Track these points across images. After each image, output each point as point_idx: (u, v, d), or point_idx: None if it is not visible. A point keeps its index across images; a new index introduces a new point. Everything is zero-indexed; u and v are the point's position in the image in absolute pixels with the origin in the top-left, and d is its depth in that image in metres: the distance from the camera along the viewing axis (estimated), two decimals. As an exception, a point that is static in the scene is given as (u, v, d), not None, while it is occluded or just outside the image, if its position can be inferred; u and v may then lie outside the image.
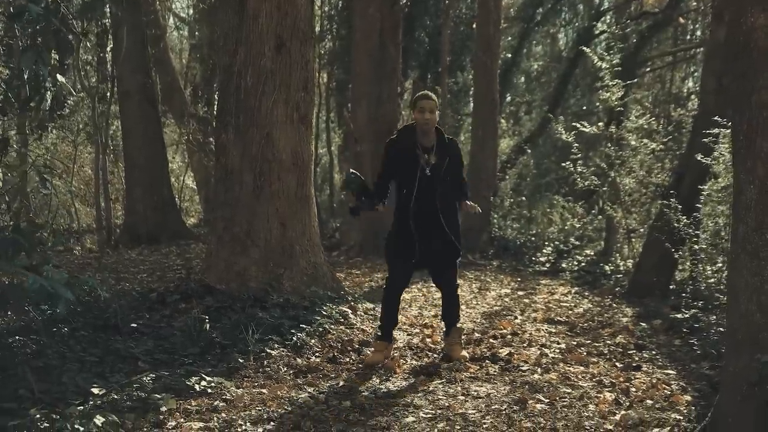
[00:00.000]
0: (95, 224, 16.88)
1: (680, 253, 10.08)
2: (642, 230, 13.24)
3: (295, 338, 7.28)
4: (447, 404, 5.74)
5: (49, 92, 6.67)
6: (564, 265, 13.96)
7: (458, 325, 7.23)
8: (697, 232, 9.50)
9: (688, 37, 24.99)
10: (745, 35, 4.26)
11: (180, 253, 14.59)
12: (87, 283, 8.00)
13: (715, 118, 8.69)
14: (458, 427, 5.22)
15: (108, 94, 16.30)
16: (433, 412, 5.56)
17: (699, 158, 9.25)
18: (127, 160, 17.26)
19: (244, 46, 8.72)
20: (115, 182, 20.86)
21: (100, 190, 15.66)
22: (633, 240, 13.28)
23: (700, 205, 9.69)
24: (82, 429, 4.54)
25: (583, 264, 13.94)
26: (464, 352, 7.05)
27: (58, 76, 6.58)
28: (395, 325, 7.20)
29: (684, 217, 9.51)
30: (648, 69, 23.34)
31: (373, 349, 7.11)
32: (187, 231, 17.79)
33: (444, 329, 7.34)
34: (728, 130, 8.68)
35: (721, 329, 7.75)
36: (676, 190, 9.96)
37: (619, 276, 12.26)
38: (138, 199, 16.54)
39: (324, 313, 8.19)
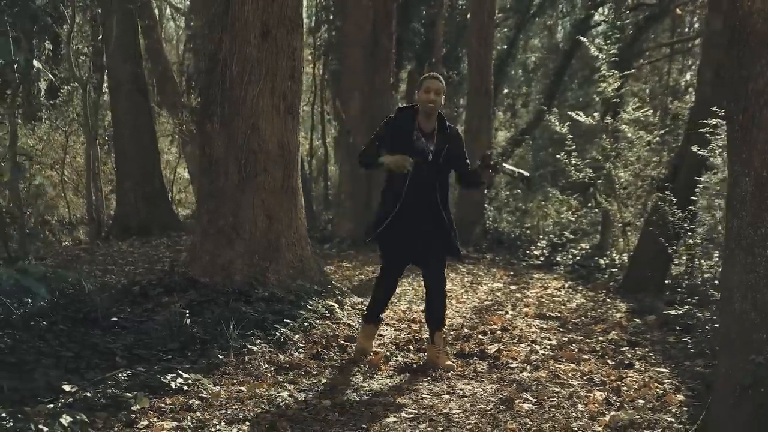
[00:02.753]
0: (87, 215, 16.69)
1: (674, 247, 9.90)
2: (638, 224, 13.08)
3: (278, 333, 7.08)
4: (431, 404, 5.55)
5: (42, 81, 6.49)
6: (558, 259, 13.79)
7: (442, 331, 6.77)
8: (692, 226, 9.31)
9: (687, 29, 24.85)
10: (741, 20, 4.06)
11: (170, 245, 14.42)
12: (67, 278, 7.86)
13: (713, 108, 8.49)
14: (440, 428, 5.03)
15: (99, 84, 16.14)
16: (416, 411, 5.37)
17: (695, 150, 9.06)
18: (117, 151, 17.09)
19: (229, 33, 8.50)
20: (107, 173, 20.67)
21: (92, 181, 15.47)
22: (629, 234, 13.11)
23: (695, 198, 9.50)
24: (46, 429, 4.34)
25: (578, 258, 13.77)
26: (449, 362, 6.61)
27: (35, 62, 6.40)
28: (384, 309, 6.98)
29: (679, 210, 9.32)
30: (645, 61, 23.18)
31: (359, 335, 6.90)
32: (179, 223, 17.62)
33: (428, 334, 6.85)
34: (718, 121, 8.53)
35: (717, 326, 7.58)
36: (672, 182, 9.79)
37: (613, 270, 12.11)
38: (129, 190, 16.36)
39: (309, 307, 8.00)
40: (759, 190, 3.98)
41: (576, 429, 5.06)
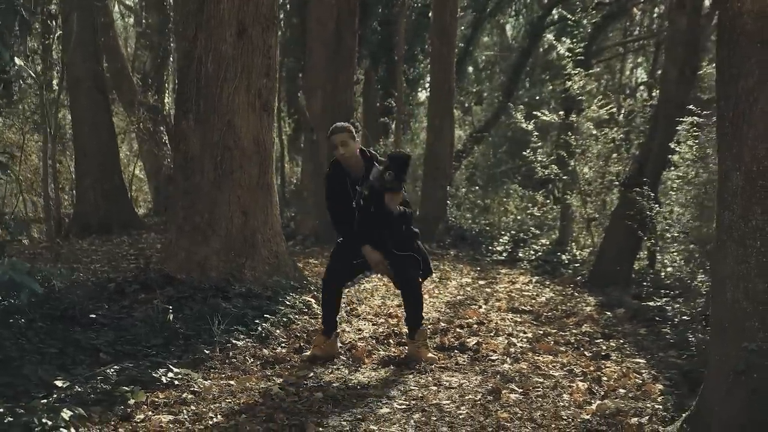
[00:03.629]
0: (43, 214, 16.50)
1: (653, 241, 10.10)
2: (600, 219, 13.30)
3: (259, 328, 7.15)
4: (420, 395, 5.65)
5: (20, 78, 6.46)
6: (521, 255, 13.96)
7: (421, 327, 6.79)
8: (668, 220, 9.52)
9: (636, 30, 25.21)
10: (732, 20, 4.20)
11: (132, 243, 14.35)
12: (41, 272, 7.83)
13: (692, 107, 8.72)
14: (434, 418, 5.14)
15: (55, 81, 15.96)
16: (407, 402, 5.47)
17: (672, 146, 9.27)
18: (77, 148, 16.91)
19: (204, 31, 8.53)
20: (63, 171, 20.44)
21: (49, 179, 15.31)
22: (593, 229, 13.32)
23: (672, 193, 9.70)
24: (50, 423, 4.37)
25: (539, 253, 13.94)
26: (431, 354, 6.70)
27: (16, 60, 6.37)
28: (335, 320, 6.85)
29: (657, 205, 9.53)
30: (596, 60, 23.50)
31: (315, 343, 6.80)
32: (139, 221, 17.51)
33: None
34: (693, 118, 8.74)
35: (685, 318, 7.79)
36: (636, 178, 9.97)
37: (577, 265, 12.28)
38: (88, 188, 16.21)
39: (287, 303, 8.07)
40: (749, 184, 4.12)
41: (565, 417, 5.19)
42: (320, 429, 4.84)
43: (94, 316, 7.18)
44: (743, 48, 4.16)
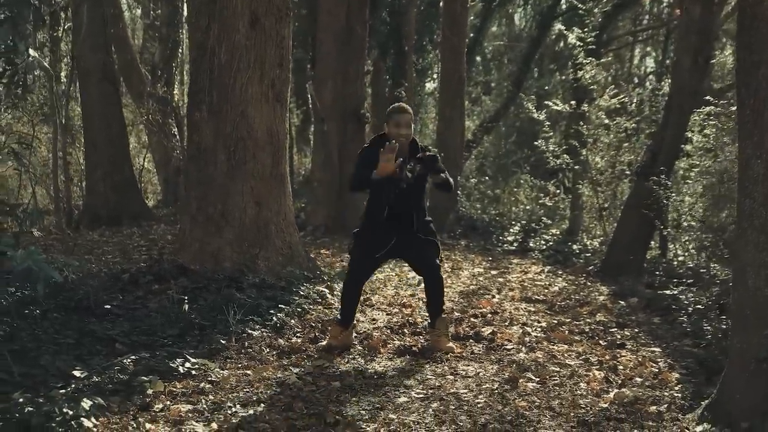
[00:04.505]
0: (53, 205, 16.53)
1: (668, 230, 10.08)
2: (611, 208, 13.28)
3: (274, 319, 7.16)
4: (437, 384, 5.66)
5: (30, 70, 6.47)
6: (532, 244, 13.94)
7: (443, 315, 6.84)
8: (681, 209, 9.50)
9: (645, 19, 25.14)
10: (752, 7, 4.20)
11: (143, 234, 14.36)
12: (54, 263, 7.85)
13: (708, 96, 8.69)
14: (453, 407, 5.14)
15: (64, 73, 15.97)
16: (425, 392, 5.47)
17: (685, 135, 9.24)
18: (87, 140, 16.91)
19: (217, 22, 8.52)
20: (73, 163, 20.46)
21: (59, 170, 15.34)
22: (604, 218, 13.30)
23: (688, 182, 9.68)
24: (71, 413, 4.38)
25: (550, 243, 13.93)
26: (451, 344, 6.70)
27: (31, 51, 6.38)
28: (354, 313, 6.88)
29: (673, 194, 9.51)
30: (604, 50, 23.43)
31: (328, 335, 6.82)
32: (149, 212, 17.52)
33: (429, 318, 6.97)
34: (709, 108, 8.71)
35: (700, 307, 7.77)
36: (650, 168, 9.95)
37: (588, 255, 12.27)
38: (99, 179, 16.22)
39: (302, 293, 8.08)
40: (771, 171, 4.12)
41: (583, 405, 5.20)
42: (339, 417, 4.85)
43: (108, 306, 7.19)
44: (764, 34, 4.16)
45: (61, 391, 4.85)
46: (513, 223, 15.69)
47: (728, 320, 6.19)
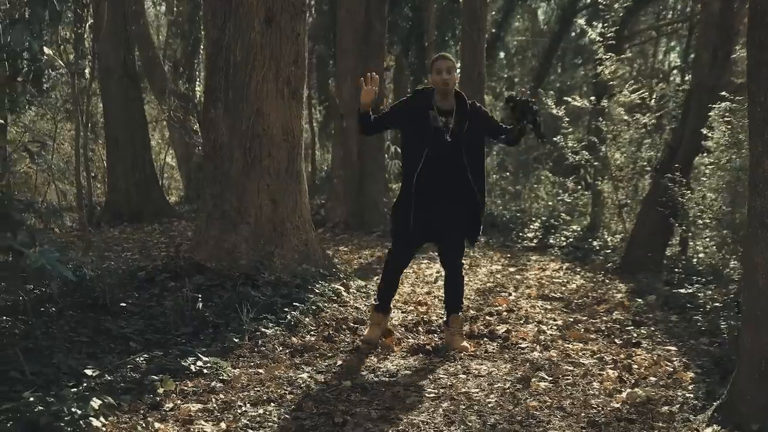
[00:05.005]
0: (75, 202, 16.61)
1: (684, 227, 10.00)
2: (630, 205, 13.18)
3: (289, 317, 7.14)
4: (449, 383, 5.64)
5: (45, 69, 6.46)
6: (552, 241, 13.86)
7: (459, 313, 6.82)
8: (700, 206, 9.39)
9: (669, 13, 24.93)
10: (763, 3, 4.13)
11: (163, 231, 14.42)
12: (72, 261, 7.87)
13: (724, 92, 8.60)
14: (463, 407, 5.12)
15: (87, 70, 16.00)
16: (436, 391, 5.45)
17: (704, 131, 9.14)
18: (108, 137, 16.99)
19: (232, 19, 8.52)
20: (95, 160, 20.56)
21: (81, 167, 15.40)
22: (624, 215, 13.20)
23: (704, 179, 9.58)
24: (80, 412, 4.39)
25: (570, 240, 13.84)
26: (465, 343, 6.64)
27: (45, 49, 6.38)
28: (393, 297, 6.96)
29: (689, 191, 9.42)
30: (628, 45, 23.26)
31: (369, 322, 6.89)
32: (170, 209, 17.58)
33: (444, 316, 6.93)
34: (726, 104, 8.61)
35: (717, 305, 7.70)
36: (669, 164, 9.86)
37: (608, 251, 12.18)
38: (120, 176, 16.30)
39: (317, 291, 8.06)
40: (782, 170, 4.07)
41: (595, 405, 5.16)
42: (348, 417, 4.84)
43: (124, 304, 7.22)
44: (775, 31, 4.10)
45: (72, 390, 4.84)
46: (533, 219, 15.59)
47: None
